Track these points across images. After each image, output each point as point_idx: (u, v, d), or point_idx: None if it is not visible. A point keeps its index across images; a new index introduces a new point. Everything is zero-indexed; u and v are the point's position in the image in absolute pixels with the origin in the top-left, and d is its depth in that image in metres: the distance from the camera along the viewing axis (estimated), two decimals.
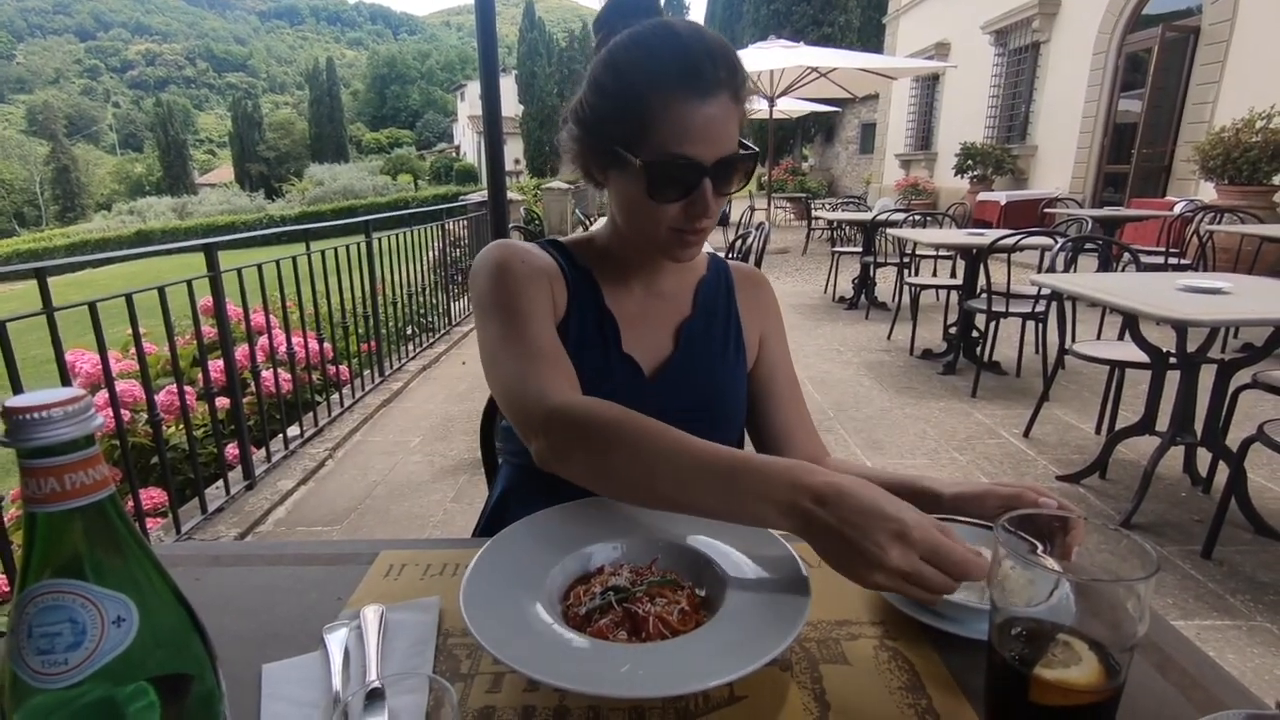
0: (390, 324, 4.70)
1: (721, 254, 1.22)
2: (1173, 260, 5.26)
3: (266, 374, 3.27)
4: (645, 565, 0.69)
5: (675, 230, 0.84)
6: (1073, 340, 3.10)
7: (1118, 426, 2.92)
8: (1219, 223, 5.39)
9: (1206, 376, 2.53)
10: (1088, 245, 3.85)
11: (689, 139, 0.77)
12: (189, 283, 2.71)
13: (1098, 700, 0.47)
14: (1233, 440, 2.44)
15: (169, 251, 3.20)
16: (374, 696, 0.50)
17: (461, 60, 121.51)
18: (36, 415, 0.33)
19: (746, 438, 1.06)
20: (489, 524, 1.07)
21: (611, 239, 0.96)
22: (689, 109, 0.77)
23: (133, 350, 2.54)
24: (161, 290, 2.52)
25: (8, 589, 1.97)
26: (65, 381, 2.19)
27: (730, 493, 0.61)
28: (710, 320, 0.99)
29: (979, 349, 4.34)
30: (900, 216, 6.37)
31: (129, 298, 2.41)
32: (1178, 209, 6.40)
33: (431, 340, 5.50)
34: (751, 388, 1.03)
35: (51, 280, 2.04)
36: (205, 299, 2.97)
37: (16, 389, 1.88)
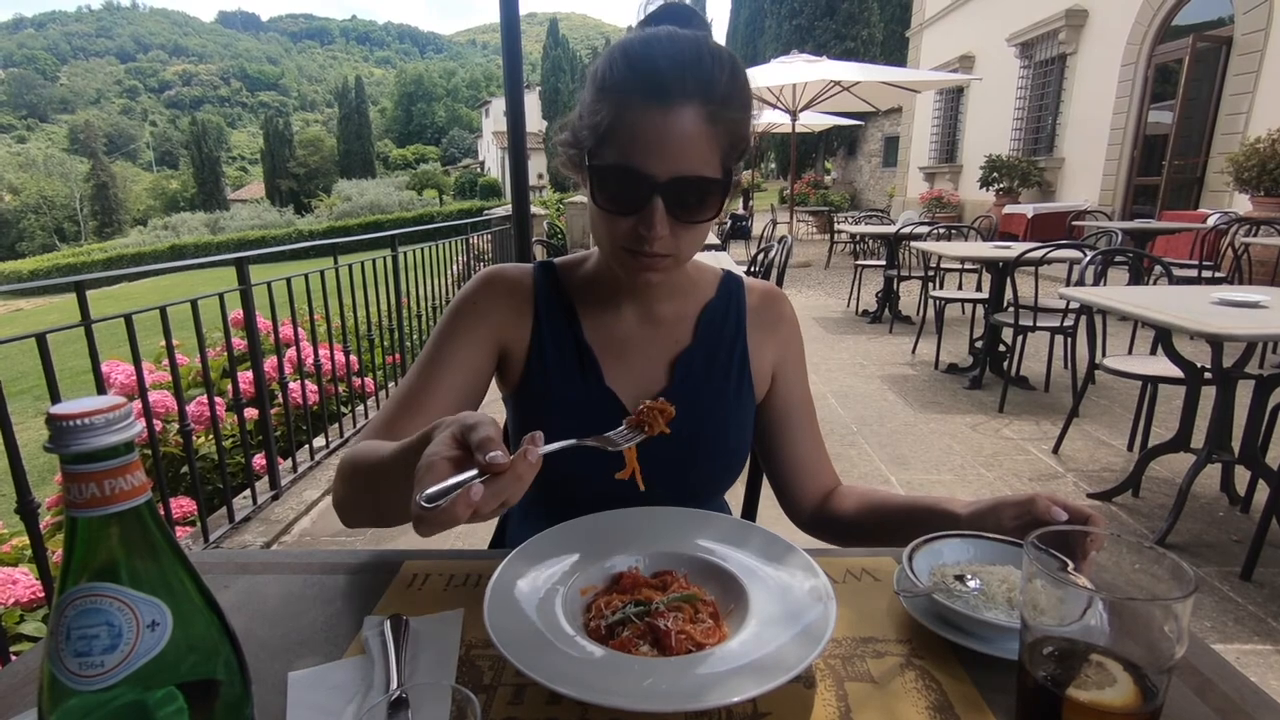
0: (415, 337, 4.75)
1: (743, 269, 1.21)
2: (1207, 274, 5.15)
3: (294, 385, 3.33)
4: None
5: (628, 251, 0.77)
6: (1103, 355, 3.04)
7: (1151, 443, 2.85)
8: (1255, 235, 5.27)
9: (1244, 392, 2.47)
10: (1118, 258, 3.78)
11: (638, 149, 0.72)
12: (221, 296, 2.78)
13: None
14: (1273, 458, 2.36)
15: (201, 266, 3.27)
16: (398, 705, 0.50)
17: (486, 78, 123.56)
18: (79, 422, 0.34)
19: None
20: (497, 538, 1.09)
21: (600, 260, 0.91)
22: (643, 116, 0.71)
23: (165, 361, 2.60)
24: (194, 303, 2.58)
25: (42, 595, 2.02)
26: (101, 392, 2.25)
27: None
28: (713, 352, 0.92)
29: (1006, 363, 4.26)
30: (924, 229, 6.32)
31: (163, 310, 2.47)
32: (1211, 221, 6.27)
33: None
34: (765, 419, 0.97)
35: (89, 293, 2.09)
36: (236, 312, 3.03)
37: (55, 399, 1.93)
